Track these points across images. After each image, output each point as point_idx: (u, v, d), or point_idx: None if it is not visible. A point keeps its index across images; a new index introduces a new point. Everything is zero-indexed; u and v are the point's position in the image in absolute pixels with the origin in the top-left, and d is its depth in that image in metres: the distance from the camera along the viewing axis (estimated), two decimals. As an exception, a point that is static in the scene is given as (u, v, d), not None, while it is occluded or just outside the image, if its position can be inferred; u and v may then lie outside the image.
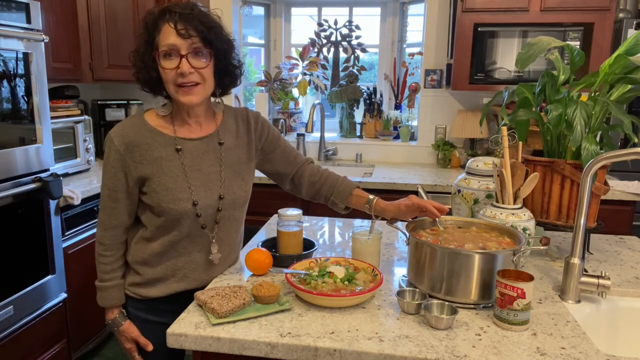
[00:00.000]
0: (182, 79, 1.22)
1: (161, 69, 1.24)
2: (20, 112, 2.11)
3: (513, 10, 2.76)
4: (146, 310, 1.37)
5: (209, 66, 1.26)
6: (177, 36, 1.20)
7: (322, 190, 1.50)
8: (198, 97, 1.26)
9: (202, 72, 1.24)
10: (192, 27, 1.21)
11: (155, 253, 1.33)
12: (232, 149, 1.38)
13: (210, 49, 1.25)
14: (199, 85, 1.25)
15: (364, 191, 1.48)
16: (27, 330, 2.16)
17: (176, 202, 1.28)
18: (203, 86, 1.26)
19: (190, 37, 1.21)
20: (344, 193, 1.47)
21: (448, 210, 1.40)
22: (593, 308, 1.28)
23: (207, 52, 1.25)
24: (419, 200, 1.37)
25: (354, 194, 1.47)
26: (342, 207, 1.49)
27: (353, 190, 1.47)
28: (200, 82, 1.25)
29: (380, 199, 1.44)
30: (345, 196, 1.47)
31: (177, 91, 1.24)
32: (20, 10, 2.08)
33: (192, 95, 1.25)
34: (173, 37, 1.21)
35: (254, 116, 1.45)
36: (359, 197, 1.46)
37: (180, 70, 1.21)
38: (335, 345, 1.02)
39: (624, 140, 2.90)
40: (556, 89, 1.53)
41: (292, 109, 3.75)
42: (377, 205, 1.43)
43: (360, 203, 1.46)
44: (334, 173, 1.53)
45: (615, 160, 1.18)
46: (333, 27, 3.64)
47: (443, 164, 3.27)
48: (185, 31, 1.21)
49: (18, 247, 2.11)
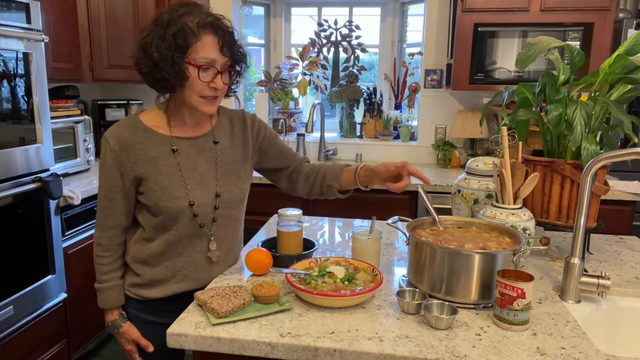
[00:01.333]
0: (211, 92, 1.28)
1: (194, 78, 1.24)
2: (20, 112, 2.11)
3: (513, 10, 2.76)
4: (146, 311, 1.37)
5: None
6: (218, 52, 1.25)
7: (317, 181, 1.52)
8: (216, 107, 1.33)
9: (225, 88, 1.31)
10: (230, 47, 1.28)
11: (155, 253, 1.33)
12: (227, 148, 1.40)
13: (234, 67, 1.33)
14: (219, 98, 1.32)
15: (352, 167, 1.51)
16: (27, 330, 2.16)
17: (172, 200, 1.28)
18: (220, 98, 1.33)
19: (227, 57, 1.27)
20: (336, 172, 1.50)
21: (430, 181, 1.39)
22: (593, 308, 1.28)
23: (233, 71, 1.33)
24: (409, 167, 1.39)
25: (345, 171, 1.50)
26: (336, 187, 1.50)
27: (343, 169, 1.50)
28: (221, 95, 1.32)
29: (367, 164, 1.47)
30: (337, 175, 1.50)
31: (200, 101, 1.28)
32: (20, 10, 2.08)
33: (213, 106, 1.31)
34: (214, 52, 1.24)
35: (250, 117, 1.48)
36: (348, 172, 1.49)
37: (215, 85, 1.27)
38: (335, 345, 1.02)
39: (624, 140, 2.90)
40: (556, 89, 1.53)
41: (292, 109, 3.75)
42: (365, 169, 1.45)
43: (350, 178, 1.48)
44: (326, 164, 1.56)
45: (615, 160, 1.18)
46: (333, 27, 3.64)
47: (443, 164, 3.27)
48: (227, 49, 1.27)
49: (18, 247, 2.11)
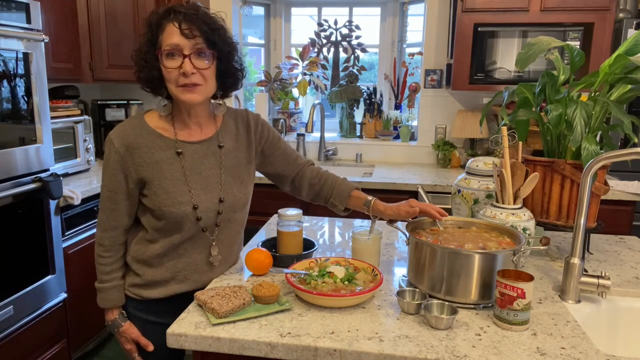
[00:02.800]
0: (185, 79, 1.22)
1: (163, 68, 1.23)
2: (20, 112, 2.11)
3: (513, 10, 2.76)
4: (146, 311, 1.37)
5: (211, 67, 1.25)
6: (180, 36, 1.20)
7: (322, 192, 1.50)
8: (199, 96, 1.26)
9: (204, 73, 1.24)
10: (196, 27, 1.21)
11: (156, 254, 1.33)
12: (231, 151, 1.38)
13: (213, 50, 1.25)
14: (201, 86, 1.25)
15: (363, 192, 1.48)
16: (27, 330, 2.16)
17: (176, 205, 1.27)
18: (204, 87, 1.26)
19: (194, 38, 1.21)
20: (343, 195, 1.47)
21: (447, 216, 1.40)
22: (593, 308, 1.28)
23: (210, 54, 1.24)
24: (419, 204, 1.37)
25: (353, 196, 1.47)
26: (341, 208, 1.49)
27: (352, 192, 1.47)
28: (202, 83, 1.25)
29: (378, 201, 1.44)
30: (344, 198, 1.47)
31: (178, 90, 1.24)
32: (20, 10, 2.08)
33: (193, 93, 1.24)
34: (177, 37, 1.20)
35: (254, 118, 1.45)
36: (358, 199, 1.46)
37: (183, 70, 1.21)
38: (335, 345, 1.02)
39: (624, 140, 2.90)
40: (556, 89, 1.53)
41: (292, 109, 3.75)
42: (376, 207, 1.43)
43: (359, 204, 1.46)
44: (333, 174, 1.53)
45: (615, 160, 1.18)
46: (333, 27, 3.64)
47: (443, 164, 3.27)
48: (189, 31, 1.20)
49: (18, 247, 2.11)
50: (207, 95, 1.29)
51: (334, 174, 1.53)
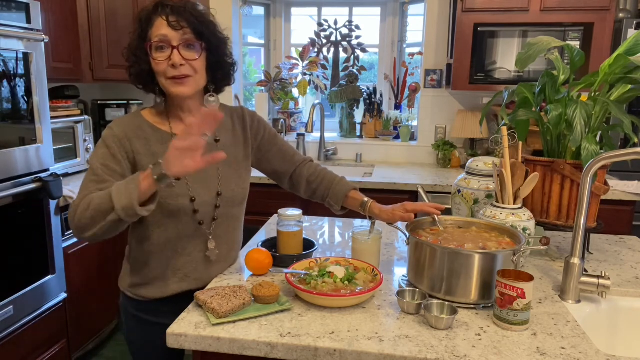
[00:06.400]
0: (174, 70, 1.22)
1: (152, 60, 1.24)
2: (20, 112, 2.11)
3: (513, 10, 2.76)
4: (146, 311, 1.37)
5: (200, 59, 1.26)
6: (168, 27, 1.21)
7: (319, 191, 1.51)
8: (189, 88, 1.25)
9: (193, 65, 1.24)
10: (183, 19, 1.22)
11: (154, 251, 1.33)
12: (228, 146, 1.39)
13: (202, 41, 1.25)
14: (190, 78, 1.25)
15: (360, 193, 1.48)
16: (27, 330, 2.16)
17: (174, 197, 1.28)
18: (194, 78, 1.26)
19: (181, 29, 1.22)
20: (339, 195, 1.48)
21: (444, 209, 1.40)
22: (593, 308, 1.28)
23: (199, 45, 1.25)
24: (413, 207, 1.38)
25: (350, 197, 1.47)
26: (337, 208, 1.50)
27: (348, 192, 1.47)
28: (192, 74, 1.25)
29: (375, 203, 1.44)
30: (340, 198, 1.48)
31: (168, 82, 1.24)
32: (20, 10, 2.08)
33: (183, 86, 1.24)
34: (165, 29, 1.21)
35: (249, 114, 1.46)
36: (354, 200, 1.47)
37: (172, 61, 1.21)
38: (335, 345, 1.02)
39: (624, 140, 2.90)
40: (556, 89, 1.53)
41: (292, 109, 3.75)
42: (372, 210, 1.43)
43: (355, 205, 1.47)
44: (331, 173, 1.53)
45: (615, 160, 1.18)
46: (333, 27, 3.64)
47: (443, 164, 3.27)
48: (177, 23, 1.21)
49: (18, 247, 2.11)
50: (197, 87, 1.28)
51: (332, 173, 1.53)
